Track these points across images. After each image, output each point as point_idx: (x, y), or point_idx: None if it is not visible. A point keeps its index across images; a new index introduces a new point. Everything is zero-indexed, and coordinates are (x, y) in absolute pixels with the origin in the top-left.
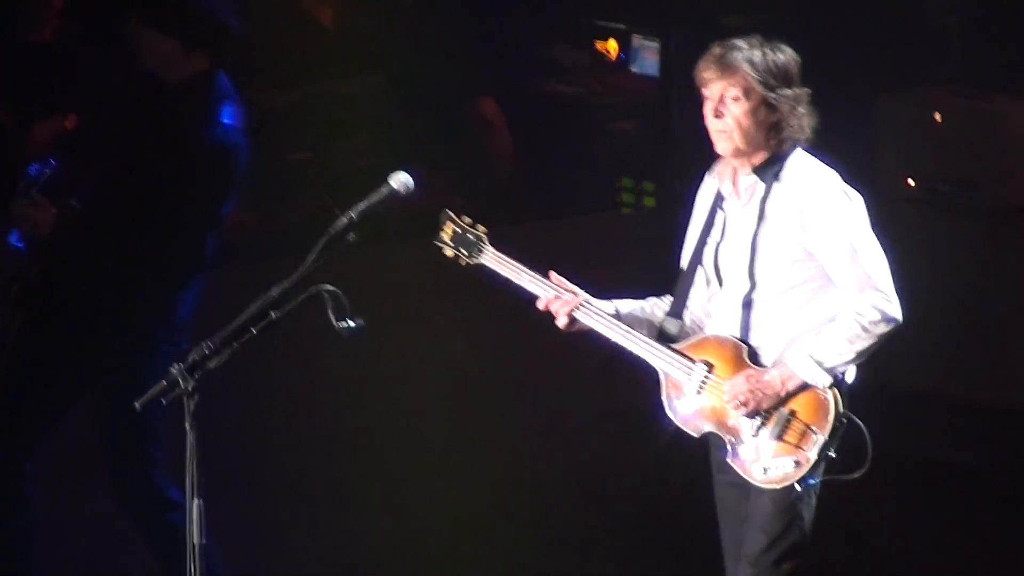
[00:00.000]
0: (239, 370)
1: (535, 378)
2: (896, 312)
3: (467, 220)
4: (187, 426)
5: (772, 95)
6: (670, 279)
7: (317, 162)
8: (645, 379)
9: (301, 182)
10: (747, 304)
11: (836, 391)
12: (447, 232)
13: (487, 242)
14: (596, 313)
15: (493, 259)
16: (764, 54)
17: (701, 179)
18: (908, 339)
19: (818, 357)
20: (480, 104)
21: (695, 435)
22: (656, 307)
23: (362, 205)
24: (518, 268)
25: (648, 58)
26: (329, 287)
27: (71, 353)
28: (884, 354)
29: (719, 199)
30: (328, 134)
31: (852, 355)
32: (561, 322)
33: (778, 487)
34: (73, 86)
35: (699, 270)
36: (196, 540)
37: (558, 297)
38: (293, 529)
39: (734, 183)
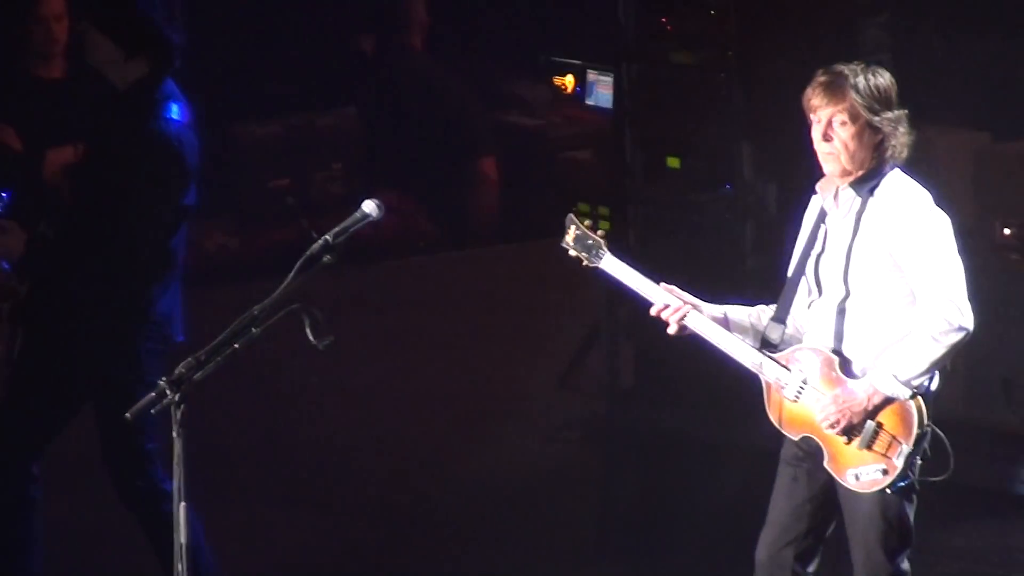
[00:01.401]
0: (229, 380)
1: (499, 387)
2: (964, 321)
3: (587, 223)
4: (174, 435)
5: (876, 118)
6: (626, 295)
7: (296, 188)
8: (604, 390)
9: (281, 207)
10: (841, 311)
11: (920, 403)
12: (570, 234)
13: (605, 248)
14: (704, 320)
15: (611, 265)
16: (867, 79)
17: (653, 205)
18: None
19: (896, 371)
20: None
21: (795, 439)
22: (763, 314)
23: (337, 228)
24: (633, 275)
25: (602, 91)
26: (305, 305)
27: (66, 360)
28: None
29: (822, 215)
30: (306, 162)
31: (926, 365)
32: (672, 330)
33: (869, 491)
34: (84, 118)
35: (802, 280)
36: (183, 540)
37: (667, 306)
38: (281, 530)
39: (835, 197)
